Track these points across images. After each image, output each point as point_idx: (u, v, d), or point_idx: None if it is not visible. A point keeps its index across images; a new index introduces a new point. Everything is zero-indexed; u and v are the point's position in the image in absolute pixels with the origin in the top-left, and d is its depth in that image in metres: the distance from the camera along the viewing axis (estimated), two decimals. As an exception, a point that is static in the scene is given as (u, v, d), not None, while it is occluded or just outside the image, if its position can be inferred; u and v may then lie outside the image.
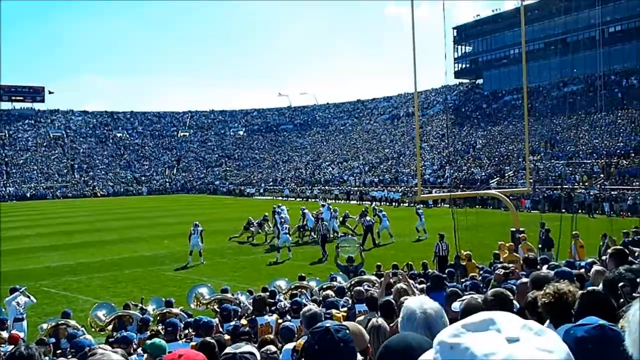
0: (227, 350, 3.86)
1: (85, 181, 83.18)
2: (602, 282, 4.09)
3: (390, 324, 4.56)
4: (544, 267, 8.15)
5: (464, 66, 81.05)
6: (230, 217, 36.35)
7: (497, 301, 3.78)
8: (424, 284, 10.25)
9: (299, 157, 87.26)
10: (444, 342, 1.15)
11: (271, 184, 74.81)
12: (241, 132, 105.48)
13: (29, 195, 74.90)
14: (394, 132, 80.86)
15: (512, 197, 30.97)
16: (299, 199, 58.64)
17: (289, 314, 8.19)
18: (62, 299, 16.43)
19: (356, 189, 59.56)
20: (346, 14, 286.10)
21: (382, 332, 4.09)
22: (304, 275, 13.53)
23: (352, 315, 7.78)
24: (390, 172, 63.49)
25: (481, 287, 8.51)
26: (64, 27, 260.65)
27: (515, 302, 4.48)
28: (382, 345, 1.90)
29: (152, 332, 8.31)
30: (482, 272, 11.88)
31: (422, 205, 39.58)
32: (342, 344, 1.94)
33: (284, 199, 59.06)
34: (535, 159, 47.20)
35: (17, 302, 12.12)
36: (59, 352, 8.52)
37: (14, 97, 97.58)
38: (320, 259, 21.63)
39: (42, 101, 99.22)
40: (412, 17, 17.83)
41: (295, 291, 11.62)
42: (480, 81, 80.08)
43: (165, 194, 78.95)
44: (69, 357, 7.06)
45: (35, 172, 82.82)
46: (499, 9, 74.61)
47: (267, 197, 64.31)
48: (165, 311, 10.58)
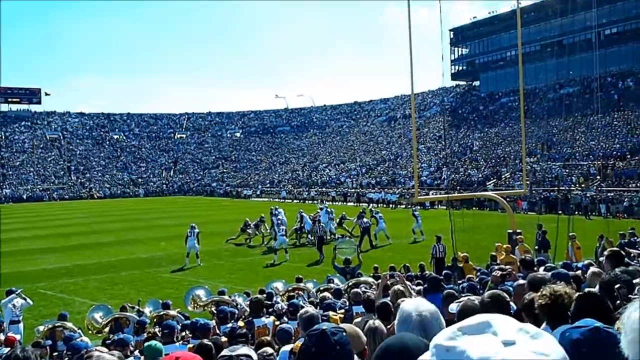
0: (224, 352, 3.86)
1: (82, 183, 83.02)
2: (598, 284, 4.09)
3: (387, 326, 4.56)
4: (541, 269, 8.16)
5: (461, 68, 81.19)
6: (227, 219, 36.31)
7: (494, 303, 3.78)
8: (421, 285, 10.25)
9: (296, 159, 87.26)
10: (440, 345, 1.15)
11: (268, 185, 74.80)
12: (238, 134, 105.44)
13: (25, 197, 74.71)
14: (391, 133, 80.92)
15: (508, 198, 31.03)
16: (296, 201, 58.65)
17: (286, 316, 8.18)
18: (59, 301, 16.38)
19: (353, 190, 59.56)
20: (343, 15, 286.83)
21: (379, 334, 4.08)
22: (301, 277, 13.51)
23: (349, 317, 7.77)
24: (387, 174, 63.53)
25: (478, 288, 8.51)
26: (59, 28, 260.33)
27: (512, 304, 4.49)
28: (379, 346, 1.90)
29: (149, 334, 8.29)
30: (479, 274, 11.89)
31: (418, 207, 39.68)
32: (338, 346, 1.94)
33: (281, 200, 59.08)
34: (531, 160, 47.29)
35: (14, 305, 12.08)
36: (55, 354, 8.51)
37: (10, 99, 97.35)
38: (317, 261, 21.63)
39: (39, 103, 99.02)
40: (408, 20, 17.86)
41: (292, 293, 11.61)
42: (477, 83, 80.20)
43: (162, 196, 78.81)
44: (65, 359, 7.04)
45: (31, 173, 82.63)
46: (495, 11, 74.91)
47: (264, 199, 64.30)
48: (162, 313, 10.56)
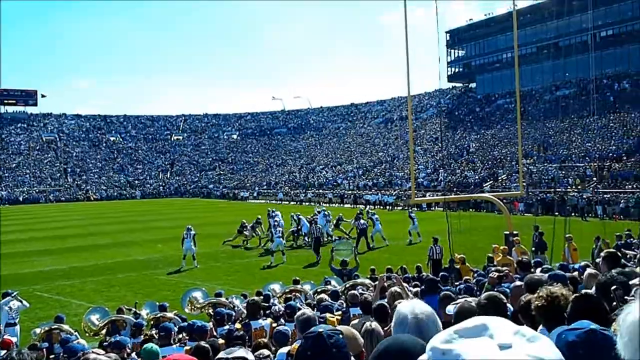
0: (221, 354, 3.87)
1: (78, 185, 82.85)
2: (594, 285, 4.11)
3: (384, 328, 4.56)
4: (538, 270, 8.18)
5: (457, 70, 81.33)
6: (224, 221, 36.27)
7: (491, 305, 3.78)
8: (418, 287, 10.25)
9: (292, 161, 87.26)
10: (436, 348, 1.15)
11: (265, 187, 74.78)
12: (235, 136, 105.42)
13: (21, 199, 74.56)
14: (387, 135, 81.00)
15: (505, 200, 31.09)
16: (292, 203, 58.65)
17: (283, 317, 8.17)
18: (56, 303, 16.35)
19: (350, 192, 59.58)
20: (340, 17, 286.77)
21: (376, 336, 4.08)
22: (298, 279, 13.49)
23: (346, 319, 7.77)
24: (384, 176, 63.57)
25: (475, 290, 8.53)
26: (55, 29, 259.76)
27: (509, 305, 4.50)
28: (376, 347, 1.89)
29: (146, 336, 8.26)
30: (476, 276, 11.92)
31: (415, 208, 39.74)
32: (334, 349, 1.94)
33: (278, 202, 59.06)
34: (528, 162, 47.37)
35: (10, 307, 12.04)
36: (52, 356, 8.47)
37: (6, 101, 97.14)
38: (314, 263, 21.62)
39: (35, 105, 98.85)
40: (404, 22, 17.89)
41: (289, 295, 11.58)
42: (473, 85, 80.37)
43: (158, 198, 78.70)
44: (61, 362, 7.02)
45: (28, 176, 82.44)
46: (491, 13, 74.98)
47: (261, 201, 64.26)
48: (159, 315, 10.52)
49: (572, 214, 31.15)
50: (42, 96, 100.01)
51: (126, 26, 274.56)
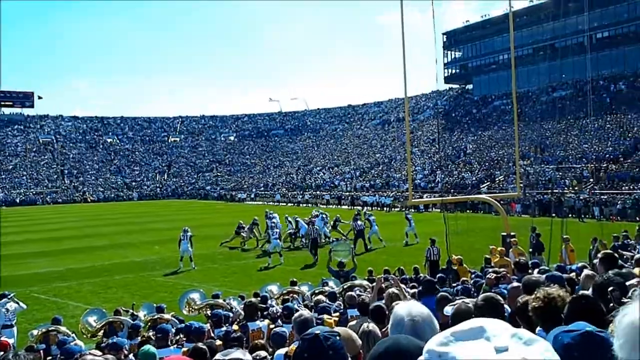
0: (218, 356, 3.87)
1: (75, 187, 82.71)
2: (592, 287, 4.11)
3: (382, 329, 4.56)
4: (535, 271, 8.20)
5: (454, 71, 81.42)
6: (221, 223, 36.25)
7: (488, 306, 3.78)
8: (415, 288, 10.26)
9: (290, 162, 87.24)
10: (432, 350, 1.15)
11: (262, 189, 74.74)
12: (232, 138, 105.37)
13: (18, 201, 74.38)
14: (384, 137, 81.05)
15: (502, 201, 31.10)
16: (290, 204, 58.62)
17: (280, 319, 8.17)
18: (53, 305, 16.31)
19: (347, 193, 59.56)
20: (339, 17, 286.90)
21: (374, 337, 4.09)
22: (295, 280, 13.49)
23: (344, 320, 7.76)
24: (381, 177, 63.59)
25: (472, 291, 8.52)
26: (54, 29, 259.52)
27: (506, 307, 4.50)
28: (374, 347, 1.89)
29: (143, 338, 8.25)
30: (473, 277, 11.90)
31: (412, 210, 39.75)
32: (331, 351, 1.94)
33: (275, 204, 59.04)
34: (525, 163, 47.45)
35: (6, 309, 12.01)
36: (49, 358, 8.47)
37: (3, 102, 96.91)
38: (311, 264, 21.61)
39: (32, 106, 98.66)
40: (401, 23, 17.89)
41: (287, 296, 11.58)
42: (470, 86, 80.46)
43: (155, 200, 78.61)
44: (58, 364, 7.01)
45: (24, 177, 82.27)
46: (488, 14, 75.09)
47: (259, 202, 64.24)
48: (156, 317, 10.51)
49: (569, 215, 31.23)
50: (39, 98, 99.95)
51: (125, 26, 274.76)
